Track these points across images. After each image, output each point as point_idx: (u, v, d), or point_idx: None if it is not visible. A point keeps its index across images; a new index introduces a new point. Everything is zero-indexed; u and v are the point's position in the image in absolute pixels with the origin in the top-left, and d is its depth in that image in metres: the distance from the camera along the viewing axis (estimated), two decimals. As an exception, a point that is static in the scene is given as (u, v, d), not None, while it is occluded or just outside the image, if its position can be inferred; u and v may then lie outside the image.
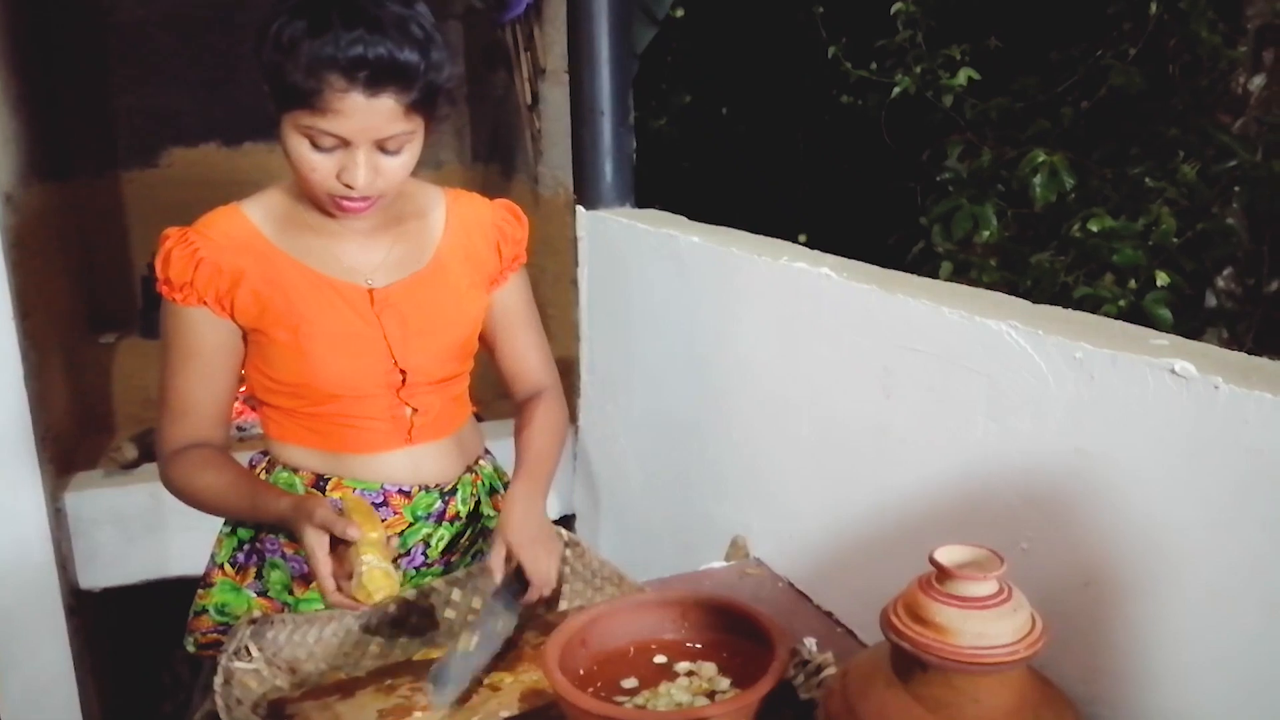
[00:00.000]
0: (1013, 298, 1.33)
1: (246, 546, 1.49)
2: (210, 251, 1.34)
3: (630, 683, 1.18)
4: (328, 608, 1.31)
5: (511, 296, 1.53)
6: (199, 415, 1.38)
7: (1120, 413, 1.07)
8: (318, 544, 1.23)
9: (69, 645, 2.33)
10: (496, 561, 1.35)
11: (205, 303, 1.34)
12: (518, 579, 1.36)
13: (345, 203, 1.29)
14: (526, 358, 1.56)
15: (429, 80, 1.23)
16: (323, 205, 1.33)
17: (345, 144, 1.23)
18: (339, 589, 1.23)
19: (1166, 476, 1.03)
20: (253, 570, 1.48)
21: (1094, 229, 2.69)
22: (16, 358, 2.17)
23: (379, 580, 1.22)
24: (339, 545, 1.25)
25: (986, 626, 0.93)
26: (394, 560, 1.37)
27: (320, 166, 1.25)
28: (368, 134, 1.23)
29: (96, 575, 2.39)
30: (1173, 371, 1.00)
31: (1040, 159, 2.77)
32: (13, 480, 2.21)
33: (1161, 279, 2.61)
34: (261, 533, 1.47)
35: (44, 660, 2.32)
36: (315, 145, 1.24)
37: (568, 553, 1.53)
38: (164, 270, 1.34)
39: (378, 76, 1.19)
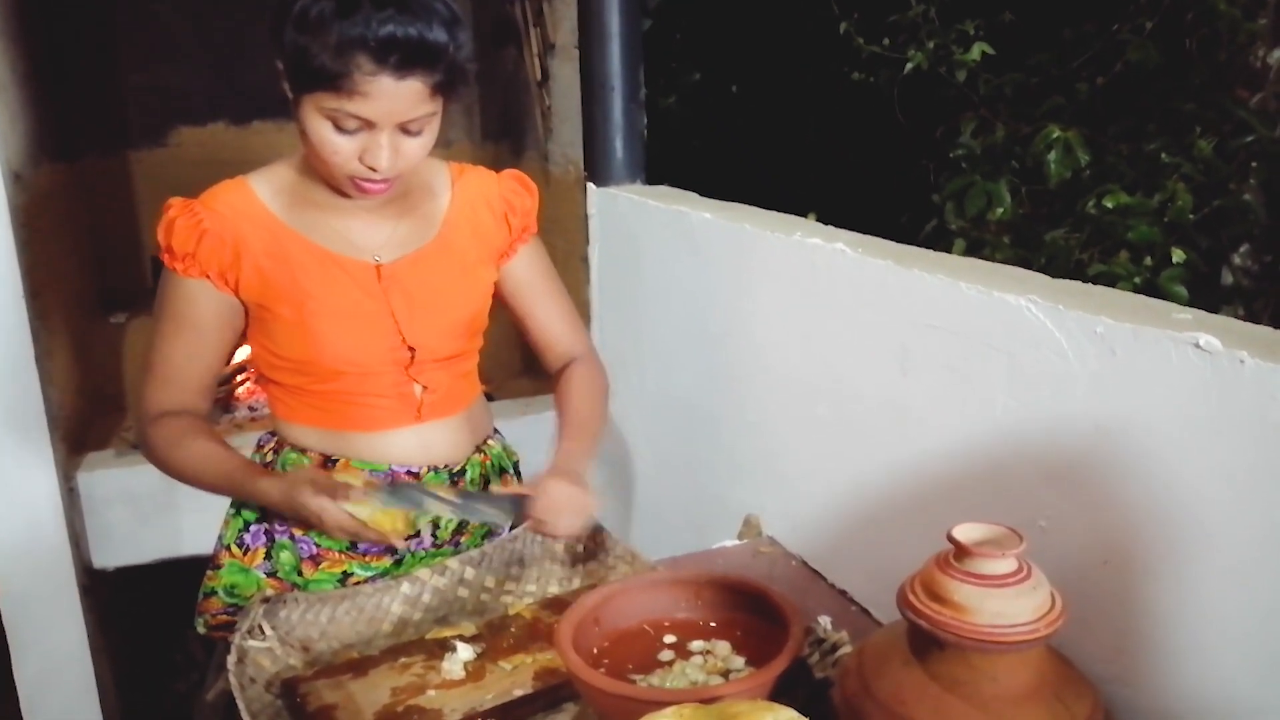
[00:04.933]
0: (1032, 272, 1.31)
1: (253, 528, 1.48)
2: (215, 224, 1.32)
3: (667, 655, 1.19)
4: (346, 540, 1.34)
5: (526, 268, 1.52)
6: (185, 384, 1.38)
7: (1142, 388, 1.05)
8: (325, 502, 1.26)
9: (83, 624, 2.34)
10: (529, 497, 1.33)
11: (208, 276, 1.33)
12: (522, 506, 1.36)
13: (366, 184, 1.28)
14: (553, 328, 1.55)
15: (454, 60, 1.22)
16: (339, 185, 1.31)
17: (369, 126, 1.22)
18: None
19: (1188, 452, 1.02)
20: (261, 551, 1.48)
21: (1109, 206, 2.66)
22: (27, 338, 2.16)
23: (384, 522, 1.29)
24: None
25: (1005, 605, 0.92)
26: (406, 538, 1.39)
27: (343, 149, 1.24)
28: (393, 116, 1.21)
29: (109, 554, 2.40)
30: (1197, 346, 0.99)
31: (1055, 135, 2.75)
32: (25, 460, 2.21)
33: (1177, 256, 2.59)
34: (270, 513, 1.47)
35: (58, 639, 2.33)
36: (338, 127, 1.22)
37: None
38: (166, 238, 1.33)
39: (407, 58, 1.17)
